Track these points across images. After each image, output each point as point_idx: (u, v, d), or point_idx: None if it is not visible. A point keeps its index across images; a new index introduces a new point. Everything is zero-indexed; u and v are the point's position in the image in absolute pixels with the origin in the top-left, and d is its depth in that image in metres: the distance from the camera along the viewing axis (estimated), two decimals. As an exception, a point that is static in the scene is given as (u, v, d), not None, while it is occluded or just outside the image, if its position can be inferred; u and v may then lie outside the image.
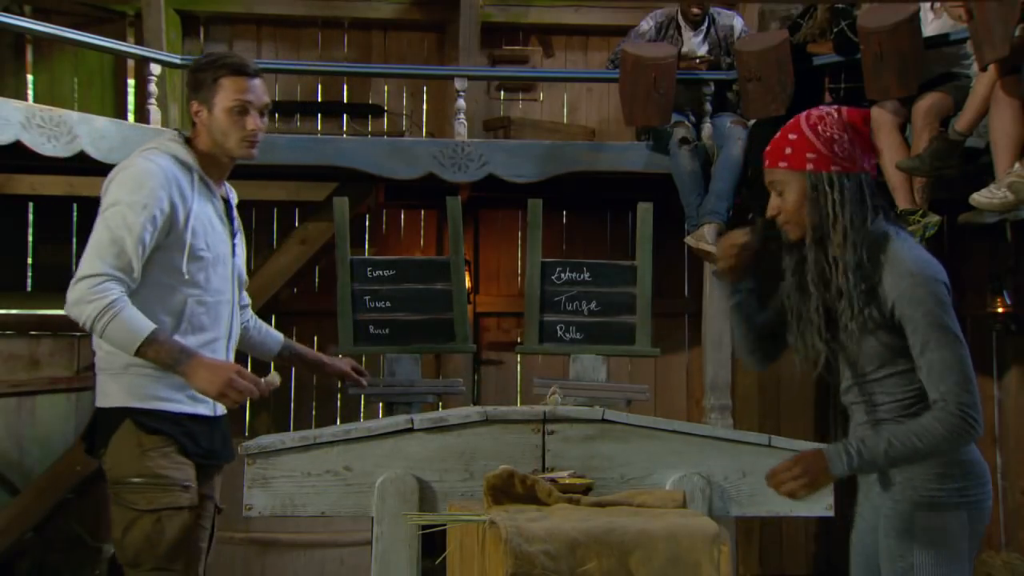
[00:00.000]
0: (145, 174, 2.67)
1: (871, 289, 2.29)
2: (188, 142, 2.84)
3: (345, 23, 6.73)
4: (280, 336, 3.31)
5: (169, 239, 2.68)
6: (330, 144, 5.20)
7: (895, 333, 2.29)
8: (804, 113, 2.41)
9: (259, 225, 6.32)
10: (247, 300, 3.20)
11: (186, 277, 2.71)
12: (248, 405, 6.17)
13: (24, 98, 6.04)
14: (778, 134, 2.42)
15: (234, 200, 3.03)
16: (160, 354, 2.59)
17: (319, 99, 6.65)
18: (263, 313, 5.68)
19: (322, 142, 5.26)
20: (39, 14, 6.04)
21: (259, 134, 2.83)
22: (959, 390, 2.20)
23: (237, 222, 2.99)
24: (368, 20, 6.69)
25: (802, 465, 2.25)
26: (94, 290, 2.56)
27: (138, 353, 2.57)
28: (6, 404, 5.81)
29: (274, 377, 2.69)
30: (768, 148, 2.42)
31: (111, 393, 2.71)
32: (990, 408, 6.21)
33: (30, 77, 6.45)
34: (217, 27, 6.68)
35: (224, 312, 2.85)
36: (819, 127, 2.35)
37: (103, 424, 2.72)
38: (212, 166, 2.84)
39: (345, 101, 6.64)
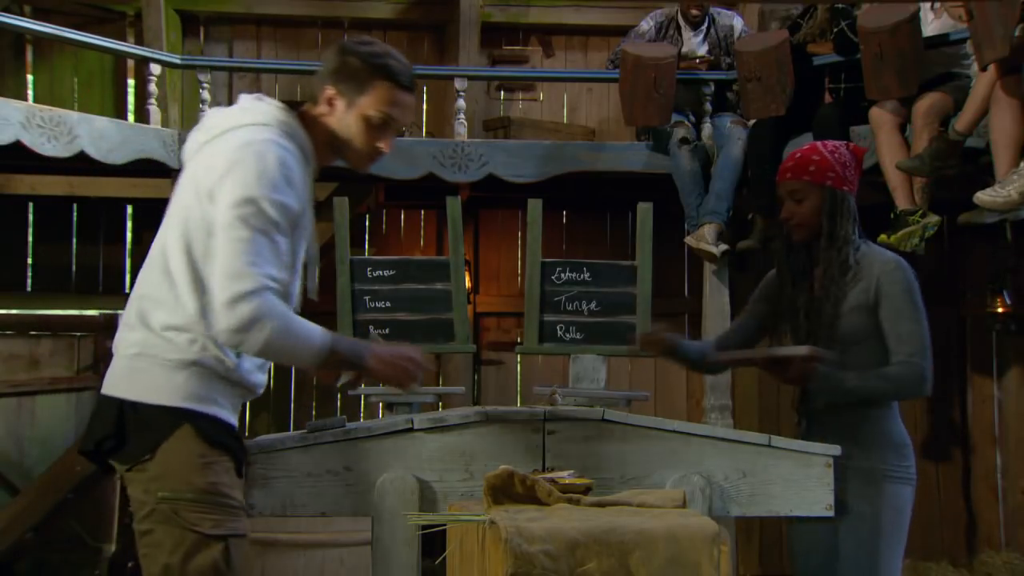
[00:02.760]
0: (281, 164, 2.24)
1: (854, 278, 2.83)
2: (301, 116, 2.40)
3: (345, 23, 6.73)
4: None
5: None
6: (330, 144, 5.19)
7: (872, 315, 2.80)
8: (832, 144, 2.95)
9: (259, 225, 6.31)
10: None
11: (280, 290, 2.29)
12: (248, 405, 6.17)
13: (24, 98, 6.04)
14: (799, 154, 2.91)
15: None
16: (342, 356, 2.30)
17: (319, 99, 6.65)
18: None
19: (322, 142, 5.24)
20: (39, 14, 6.05)
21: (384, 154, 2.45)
22: (922, 355, 2.76)
23: None
24: (368, 20, 6.69)
25: (796, 367, 2.74)
26: (260, 308, 2.15)
27: (320, 363, 2.26)
28: (6, 404, 5.80)
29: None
30: (791, 164, 2.90)
31: (165, 388, 2.24)
32: (990, 408, 6.21)
33: (30, 77, 6.46)
34: (217, 27, 6.69)
35: None
36: (836, 153, 2.88)
37: (148, 424, 2.24)
38: (319, 150, 2.42)
39: (345, 101, 6.64)
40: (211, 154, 2.29)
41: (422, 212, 6.55)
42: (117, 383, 2.29)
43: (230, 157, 2.24)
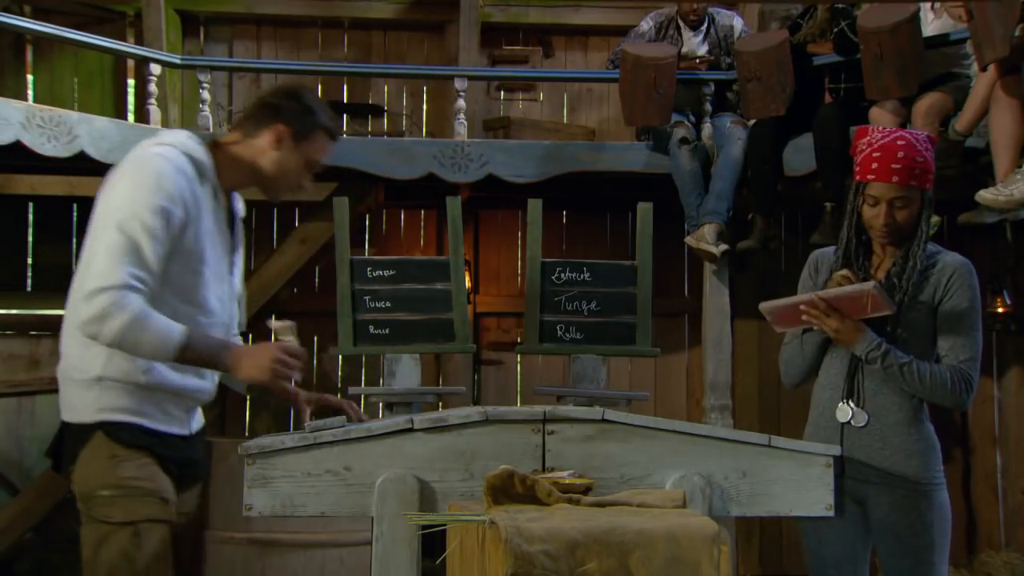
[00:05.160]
0: (161, 174, 2.41)
1: (924, 272, 2.73)
2: (215, 145, 2.60)
3: (345, 23, 6.73)
4: None
5: (175, 250, 2.44)
6: (330, 144, 5.19)
7: (932, 312, 2.72)
8: (921, 135, 2.73)
9: (259, 225, 6.32)
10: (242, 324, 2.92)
11: (186, 294, 2.49)
12: (248, 405, 6.18)
13: (24, 98, 6.04)
14: (902, 153, 2.67)
15: (241, 212, 2.77)
16: (199, 354, 2.41)
17: (319, 99, 6.65)
18: (263, 313, 5.70)
19: (322, 142, 5.24)
20: (39, 14, 6.05)
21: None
22: (975, 367, 2.71)
23: (239, 236, 2.75)
24: (368, 20, 6.69)
25: (844, 322, 2.64)
26: (116, 302, 2.30)
27: (176, 358, 2.38)
28: (6, 404, 5.80)
29: (285, 328, 2.59)
30: (898, 167, 2.66)
31: (79, 407, 2.46)
32: (990, 408, 6.21)
33: (30, 77, 6.46)
34: (217, 27, 6.69)
35: (218, 335, 2.59)
36: (930, 152, 2.71)
37: (71, 439, 2.47)
38: (233, 176, 2.61)
39: (345, 101, 6.64)
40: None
41: (422, 212, 6.55)
42: (60, 406, 2.53)
43: (116, 171, 2.48)
